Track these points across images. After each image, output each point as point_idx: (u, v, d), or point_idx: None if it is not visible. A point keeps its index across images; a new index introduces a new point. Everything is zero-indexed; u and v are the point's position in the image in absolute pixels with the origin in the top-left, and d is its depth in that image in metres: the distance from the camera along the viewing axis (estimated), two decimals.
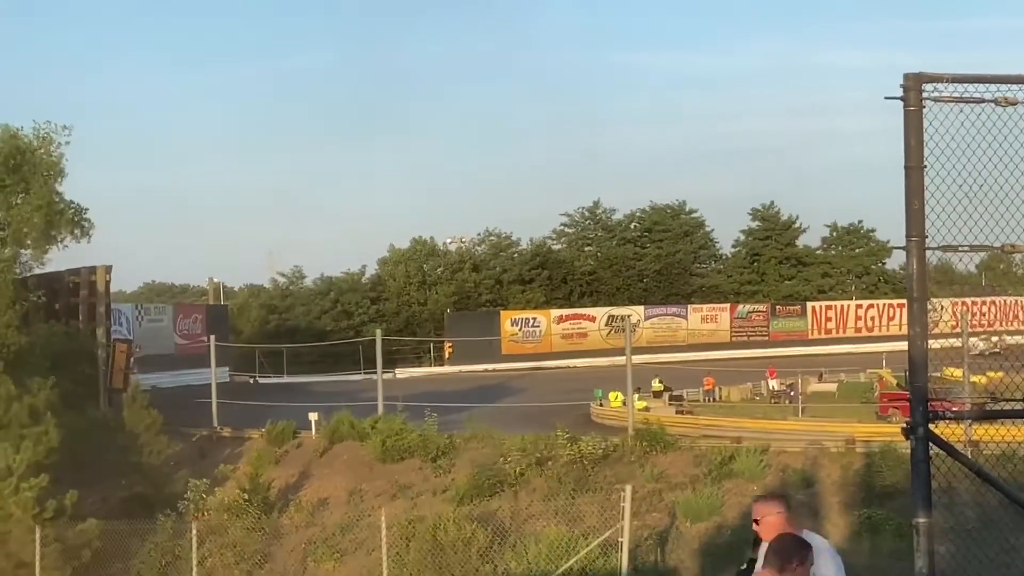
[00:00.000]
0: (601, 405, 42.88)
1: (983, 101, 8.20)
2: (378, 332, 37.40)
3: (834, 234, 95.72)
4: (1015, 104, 8.18)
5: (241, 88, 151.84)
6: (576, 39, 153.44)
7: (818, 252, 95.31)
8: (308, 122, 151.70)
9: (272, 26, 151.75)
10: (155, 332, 57.34)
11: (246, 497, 28.18)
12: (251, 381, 57.37)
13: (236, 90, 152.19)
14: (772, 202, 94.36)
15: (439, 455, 30.24)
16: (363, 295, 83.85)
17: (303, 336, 70.26)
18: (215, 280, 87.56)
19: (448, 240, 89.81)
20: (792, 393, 49.69)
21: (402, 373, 55.58)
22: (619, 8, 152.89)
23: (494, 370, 63.20)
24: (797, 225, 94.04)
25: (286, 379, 59.36)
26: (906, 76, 8.12)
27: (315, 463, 32.06)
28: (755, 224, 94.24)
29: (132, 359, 38.37)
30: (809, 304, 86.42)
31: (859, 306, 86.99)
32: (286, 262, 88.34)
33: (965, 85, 8.18)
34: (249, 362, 60.38)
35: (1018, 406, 8.54)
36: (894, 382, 45.14)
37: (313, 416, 34.07)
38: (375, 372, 36.46)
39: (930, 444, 8.14)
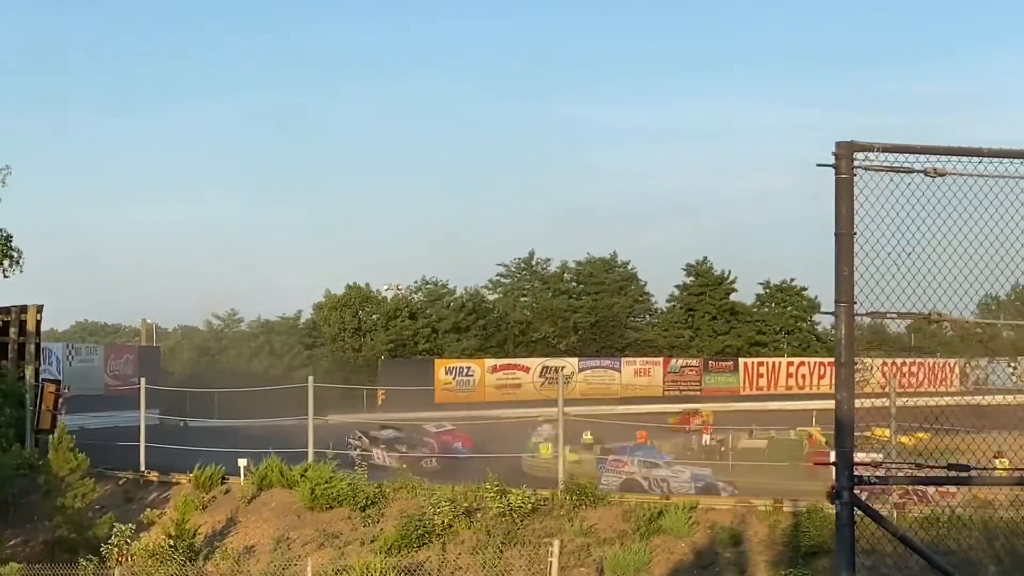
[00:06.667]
0: (533, 457, 42.81)
1: (912, 171, 8.38)
2: (310, 379, 37.17)
3: (767, 291, 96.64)
4: (943, 175, 8.36)
5: (180, 130, 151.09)
6: (513, 90, 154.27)
7: (752, 308, 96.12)
8: (246, 166, 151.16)
9: (208, 70, 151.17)
10: (85, 372, 56.68)
11: (171, 543, 27.78)
12: (181, 424, 56.69)
13: (175, 132, 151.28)
14: (705, 258, 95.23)
15: (368, 504, 30.01)
16: (298, 340, 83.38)
17: (236, 379, 69.62)
18: (148, 321, 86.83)
19: (384, 287, 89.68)
20: (723, 449, 49.92)
21: (334, 419, 55.18)
22: (557, 61, 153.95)
23: (427, 419, 62.86)
24: (730, 281, 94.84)
25: (217, 422, 58.73)
26: (838, 144, 8.28)
27: (243, 510, 31.71)
28: (689, 279, 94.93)
29: (61, 400, 37.84)
30: (741, 360, 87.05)
31: (790, 363, 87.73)
32: (223, 305, 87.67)
33: (896, 154, 8.35)
34: (180, 404, 59.71)
35: (941, 472, 8.67)
36: (823, 440, 45.50)
37: (242, 462, 33.72)
38: (307, 417, 36.19)
39: (855, 508, 8.24)
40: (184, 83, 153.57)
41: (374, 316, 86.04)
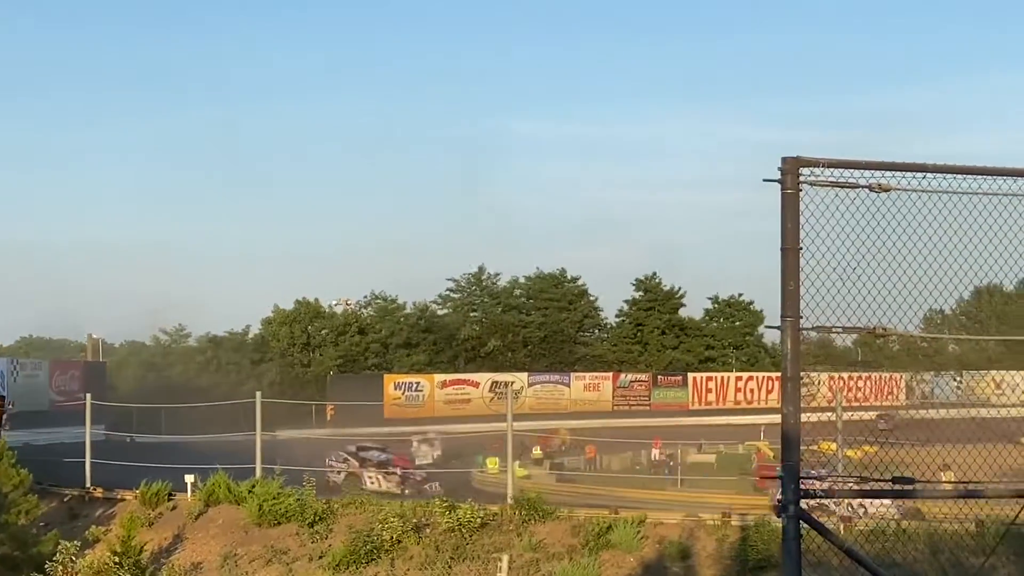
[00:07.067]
0: (482, 472, 42.81)
1: (858, 186, 8.43)
2: (258, 394, 36.89)
3: (716, 306, 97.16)
4: (888, 190, 8.42)
5: (127, 146, 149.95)
6: (461, 107, 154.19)
7: (701, 323, 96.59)
8: (196, 181, 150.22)
9: (152, 86, 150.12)
10: (30, 388, 56.07)
11: (117, 560, 27.44)
12: (128, 440, 56.17)
13: (122, 148, 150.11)
14: (655, 273, 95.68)
15: (316, 520, 29.81)
16: (246, 355, 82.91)
17: (183, 394, 69.03)
18: (95, 336, 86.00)
19: (334, 302, 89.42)
20: (672, 463, 50.07)
21: (283, 434, 54.84)
22: (506, 78, 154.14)
23: (376, 434, 62.67)
24: (679, 296, 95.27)
25: (164, 438, 58.21)
26: (784, 160, 8.32)
27: (190, 526, 31.39)
28: (639, 294, 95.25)
29: (5, 415, 37.38)
30: (690, 375, 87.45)
31: (739, 378, 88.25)
32: (170, 320, 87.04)
33: (841, 170, 8.39)
34: (127, 420, 59.16)
35: (886, 485, 8.71)
36: (771, 454, 45.79)
37: (189, 478, 33.41)
38: (255, 433, 35.93)
39: (801, 522, 8.27)
40: (131, 97, 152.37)
41: (323, 331, 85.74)
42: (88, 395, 40.23)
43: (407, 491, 37.79)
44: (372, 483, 41.88)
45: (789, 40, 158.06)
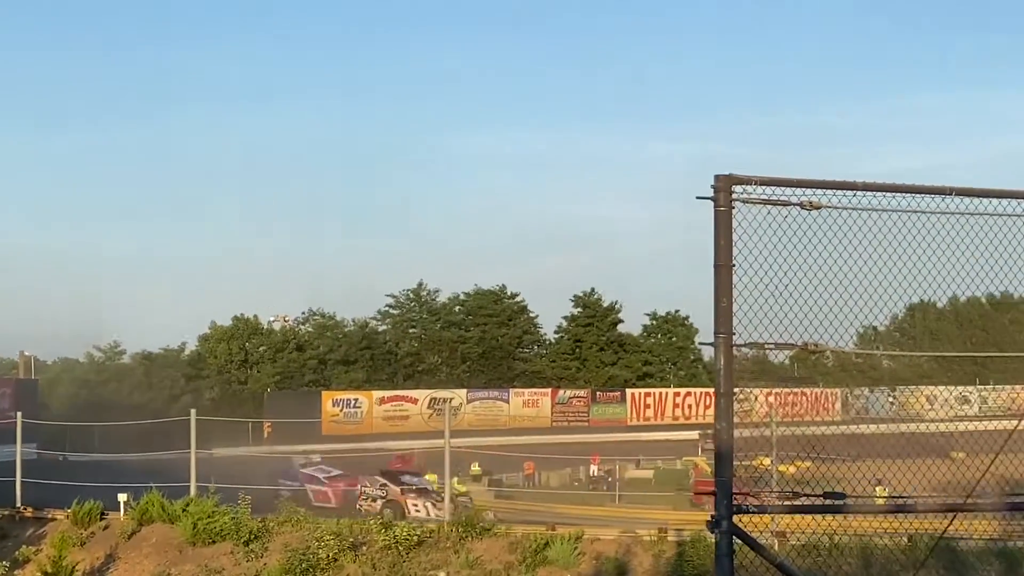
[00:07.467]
0: None
1: (790, 204, 8.48)
2: (192, 411, 36.54)
3: (654, 322, 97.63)
4: (819, 208, 8.48)
5: (57, 158, 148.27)
6: (401, 122, 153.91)
7: (639, 339, 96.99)
8: (129, 195, 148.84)
9: (79, 99, 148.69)
10: None
11: None
12: (60, 458, 55.44)
13: (53, 160, 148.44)
14: (593, 289, 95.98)
15: (252, 539, 29.55)
16: (182, 372, 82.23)
17: (118, 412, 68.37)
18: (27, 353, 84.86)
19: (272, 319, 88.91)
20: (610, 479, 50.16)
21: (219, 452, 54.40)
22: (441, 92, 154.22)
23: (313, 451, 62.31)
24: (617, 312, 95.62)
25: (98, 456, 57.56)
26: (717, 177, 8.36)
27: (122, 546, 30.98)
28: (577, 310, 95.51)
29: None
30: (628, 391, 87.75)
31: (676, 394, 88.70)
32: (105, 337, 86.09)
33: (773, 188, 8.44)
34: (59, 438, 58.40)
35: (818, 501, 8.77)
36: (708, 470, 45.99)
37: (122, 497, 33.00)
38: (190, 451, 35.59)
39: (734, 537, 8.31)
40: (62, 111, 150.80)
41: (261, 348, 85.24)
42: (19, 413, 39.67)
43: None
44: (417, 510, 38.61)
45: (724, 58, 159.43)
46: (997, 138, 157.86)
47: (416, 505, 38.75)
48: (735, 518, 8.28)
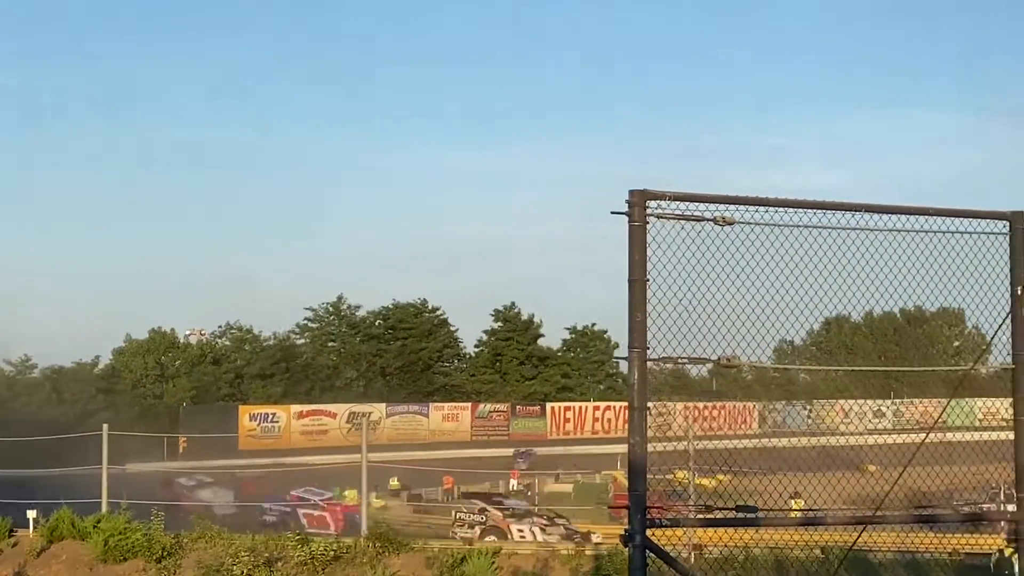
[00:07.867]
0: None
1: (703, 219, 8.52)
2: (105, 426, 36.04)
3: (573, 336, 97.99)
4: (731, 224, 8.53)
5: None
6: (317, 137, 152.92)
7: (559, 353, 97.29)
8: (42, 207, 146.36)
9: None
10: None
11: None
12: None
13: None
14: (513, 303, 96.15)
15: (164, 555, 29.16)
16: (94, 386, 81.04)
17: (29, 427, 67.14)
18: None
19: (188, 332, 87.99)
20: (529, 493, 50.22)
21: (132, 468, 53.68)
22: (362, 107, 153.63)
23: (230, 466, 61.70)
24: (537, 326, 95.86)
25: (7, 472, 56.55)
26: (631, 193, 8.38)
27: (31, 563, 30.43)
28: (497, 324, 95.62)
29: None
30: (548, 405, 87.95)
31: (596, 408, 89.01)
32: (15, 351, 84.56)
33: (687, 203, 8.48)
34: None
35: (731, 514, 8.81)
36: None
37: (31, 513, 32.43)
38: (101, 466, 35.08)
39: (648, 551, 8.31)
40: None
41: (177, 362, 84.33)
42: None
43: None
44: (523, 535, 36.13)
45: (641, 73, 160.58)
46: (917, 156, 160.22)
47: (522, 531, 36.38)
48: (649, 532, 8.28)
